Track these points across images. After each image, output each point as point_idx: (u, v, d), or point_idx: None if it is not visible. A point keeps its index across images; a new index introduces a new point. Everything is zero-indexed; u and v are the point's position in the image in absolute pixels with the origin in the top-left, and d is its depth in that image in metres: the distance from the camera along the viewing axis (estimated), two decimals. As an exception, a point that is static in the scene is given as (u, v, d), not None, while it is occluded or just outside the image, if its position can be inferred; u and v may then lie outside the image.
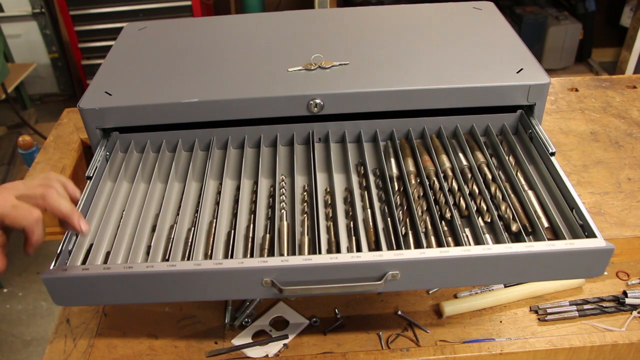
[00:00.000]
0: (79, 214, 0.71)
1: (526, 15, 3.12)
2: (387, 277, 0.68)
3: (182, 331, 0.91)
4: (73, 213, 0.70)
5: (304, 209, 0.85)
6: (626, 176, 1.11)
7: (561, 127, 1.25)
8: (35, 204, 0.68)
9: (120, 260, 0.77)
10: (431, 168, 0.89)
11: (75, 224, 0.70)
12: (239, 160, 0.94)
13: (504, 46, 1.00)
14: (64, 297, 0.71)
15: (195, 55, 1.02)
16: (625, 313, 0.91)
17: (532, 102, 0.91)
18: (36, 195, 0.68)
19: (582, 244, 0.69)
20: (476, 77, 0.91)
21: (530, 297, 0.93)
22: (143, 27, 1.15)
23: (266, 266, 0.68)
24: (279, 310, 0.93)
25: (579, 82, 1.41)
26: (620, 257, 1.00)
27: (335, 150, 0.96)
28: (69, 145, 1.14)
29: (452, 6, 1.17)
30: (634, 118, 1.27)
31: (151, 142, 0.96)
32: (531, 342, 0.85)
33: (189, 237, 0.81)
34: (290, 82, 0.92)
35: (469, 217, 0.81)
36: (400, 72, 0.93)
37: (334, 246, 0.78)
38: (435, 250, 0.69)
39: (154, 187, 0.88)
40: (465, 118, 0.95)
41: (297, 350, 0.87)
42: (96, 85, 0.94)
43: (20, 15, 3.23)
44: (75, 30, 2.97)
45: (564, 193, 0.79)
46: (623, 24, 3.17)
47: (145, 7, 2.92)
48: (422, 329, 0.90)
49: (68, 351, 0.88)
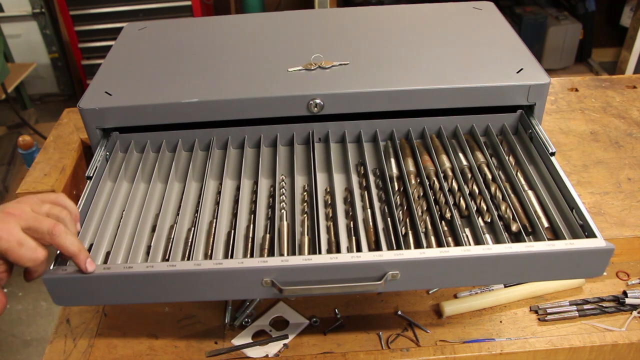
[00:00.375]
0: (85, 253, 0.68)
1: (526, 15, 3.12)
2: (387, 277, 0.68)
3: (182, 331, 0.91)
4: (80, 253, 0.67)
5: (304, 209, 0.85)
6: (626, 176, 1.11)
7: (561, 127, 1.25)
8: (42, 240, 0.65)
9: (120, 260, 0.77)
10: (431, 168, 0.89)
11: (81, 265, 0.67)
12: (239, 160, 0.94)
13: (504, 46, 1.00)
14: (64, 297, 0.71)
15: (195, 55, 1.02)
16: (625, 313, 0.91)
17: (532, 102, 0.91)
18: (43, 231, 0.65)
19: (582, 244, 0.69)
20: (476, 77, 0.91)
21: (530, 297, 0.93)
22: (143, 27, 1.15)
23: (266, 266, 0.68)
24: (279, 310, 0.93)
25: (579, 82, 1.41)
26: (620, 257, 1.00)
27: (335, 150, 0.96)
28: (69, 145, 1.14)
29: (452, 6, 1.17)
30: (634, 118, 1.27)
31: (151, 142, 0.96)
32: (531, 342, 0.85)
33: (189, 237, 0.81)
34: (290, 82, 0.92)
35: (469, 217, 0.81)
36: (400, 72, 0.93)
37: (334, 246, 0.78)
38: (435, 250, 0.69)
39: (154, 187, 0.88)
40: (465, 118, 0.95)
41: (297, 350, 0.87)
42: (96, 85, 0.94)
43: (20, 15, 3.23)
44: (75, 30, 2.97)
45: (564, 193, 0.79)
46: (623, 24, 3.17)
47: (145, 7, 2.92)
48: (422, 329, 0.90)
49: (68, 351, 0.88)
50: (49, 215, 0.67)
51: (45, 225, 0.65)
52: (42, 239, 0.65)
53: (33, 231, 0.65)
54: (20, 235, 0.63)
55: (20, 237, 0.63)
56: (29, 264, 0.64)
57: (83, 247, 0.68)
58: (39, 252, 0.64)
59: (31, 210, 0.66)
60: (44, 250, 0.65)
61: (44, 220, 0.65)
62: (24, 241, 0.63)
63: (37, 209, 0.67)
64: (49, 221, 0.65)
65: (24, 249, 0.63)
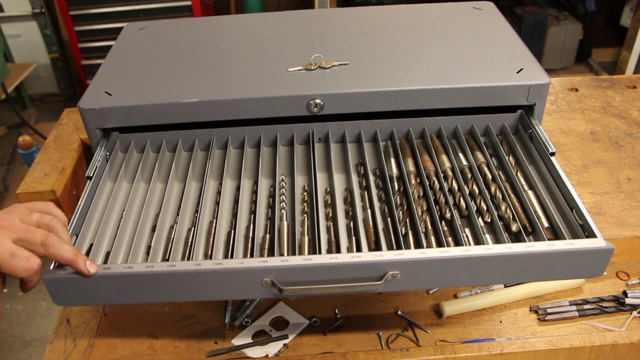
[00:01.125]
0: (83, 257, 0.67)
1: (526, 15, 3.12)
2: (387, 277, 0.68)
3: (182, 331, 0.91)
4: (77, 258, 0.66)
5: (304, 209, 0.85)
6: (626, 176, 1.11)
7: (561, 127, 1.25)
8: (35, 251, 0.64)
9: (120, 260, 0.77)
10: (431, 168, 0.89)
11: (82, 268, 0.66)
12: (239, 160, 0.94)
13: (504, 46, 1.00)
14: (64, 297, 0.71)
15: (195, 55, 1.02)
16: (625, 313, 0.91)
17: (532, 102, 0.91)
18: (36, 242, 0.63)
19: (582, 244, 0.69)
20: (476, 77, 0.91)
21: (530, 297, 0.93)
22: (143, 27, 1.15)
23: (266, 266, 0.68)
24: (279, 310, 0.93)
25: (579, 82, 1.41)
26: (620, 257, 1.00)
27: (335, 150, 0.96)
28: (69, 145, 1.14)
29: (452, 6, 1.17)
30: (634, 118, 1.27)
31: (151, 142, 0.96)
32: (531, 342, 0.85)
33: (189, 237, 0.81)
34: (290, 82, 0.92)
35: (469, 217, 0.81)
36: (400, 72, 0.93)
37: (334, 246, 0.78)
38: (435, 250, 0.69)
39: (154, 187, 0.88)
40: (465, 118, 0.95)
41: (297, 350, 0.87)
42: (96, 85, 0.94)
43: (20, 15, 3.23)
44: (75, 30, 2.97)
45: (564, 193, 0.79)
46: (623, 24, 3.17)
47: (145, 7, 2.92)
48: (422, 329, 0.89)
49: (68, 351, 0.88)
50: (39, 225, 0.66)
51: (37, 237, 0.64)
52: (35, 250, 0.64)
53: (25, 243, 0.63)
54: (11, 247, 0.62)
55: (12, 249, 0.62)
56: (23, 274, 0.64)
57: (78, 252, 0.67)
58: (32, 261, 0.64)
59: (20, 222, 0.65)
60: (37, 259, 0.64)
61: (36, 232, 0.64)
62: (16, 252, 0.62)
63: (26, 219, 0.66)
64: (40, 232, 0.64)
65: (16, 259, 0.62)
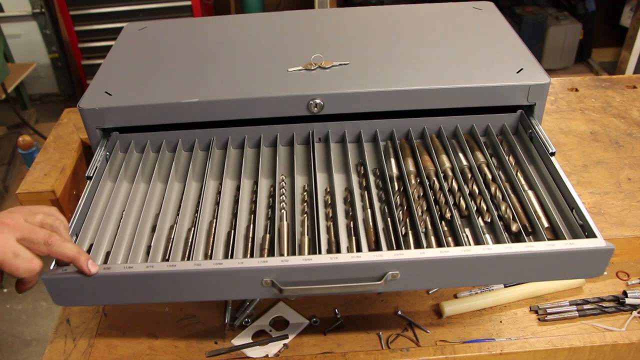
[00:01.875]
0: (85, 256, 0.67)
1: (526, 15, 3.12)
2: (387, 277, 0.68)
3: (182, 331, 0.91)
4: (80, 256, 0.67)
5: (304, 209, 0.85)
6: (626, 176, 1.11)
7: (561, 127, 1.25)
8: (38, 251, 0.65)
9: (120, 260, 0.77)
10: (431, 168, 0.89)
11: (83, 267, 0.67)
12: (239, 160, 0.94)
13: (504, 46, 1.00)
14: (64, 297, 0.71)
15: (195, 55, 1.02)
16: (625, 313, 0.91)
17: (532, 102, 0.91)
18: (40, 242, 0.64)
19: (582, 244, 0.69)
20: (476, 77, 0.91)
21: (530, 297, 0.93)
22: (143, 27, 1.15)
23: (266, 266, 0.68)
24: (279, 310, 0.93)
25: (579, 82, 1.41)
26: (620, 257, 1.00)
27: (335, 150, 0.96)
28: (69, 145, 1.14)
29: (452, 6, 1.17)
30: (634, 118, 1.27)
31: (151, 142, 0.96)
32: (531, 342, 0.85)
33: (189, 237, 0.81)
34: (290, 82, 0.92)
35: (469, 217, 0.81)
36: (400, 72, 0.93)
37: (334, 246, 0.78)
38: (435, 250, 0.69)
39: (154, 187, 0.88)
40: (465, 118, 0.95)
41: (297, 350, 0.87)
42: (96, 85, 0.94)
43: (20, 15, 3.23)
44: (75, 30, 2.97)
45: (564, 193, 0.79)
46: (623, 24, 3.17)
47: (145, 7, 2.92)
48: (422, 329, 0.89)
49: (68, 351, 0.88)
50: (42, 225, 0.67)
51: (40, 236, 0.65)
52: (38, 249, 0.65)
53: (29, 242, 0.64)
54: (15, 246, 0.63)
55: (15, 248, 0.63)
56: (25, 274, 0.64)
57: (82, 250, 0.68)
58: (34, 262, 0.64)
59: (25, 221, 0.65)
60: (39, 261, 0.65)
61: (39, 231, 0.65)
62: (20, 252, 0.63)
63: (30, 219, 0.66)
64: (44, 232, 0.65)
65: (19, 259, 0.63)
